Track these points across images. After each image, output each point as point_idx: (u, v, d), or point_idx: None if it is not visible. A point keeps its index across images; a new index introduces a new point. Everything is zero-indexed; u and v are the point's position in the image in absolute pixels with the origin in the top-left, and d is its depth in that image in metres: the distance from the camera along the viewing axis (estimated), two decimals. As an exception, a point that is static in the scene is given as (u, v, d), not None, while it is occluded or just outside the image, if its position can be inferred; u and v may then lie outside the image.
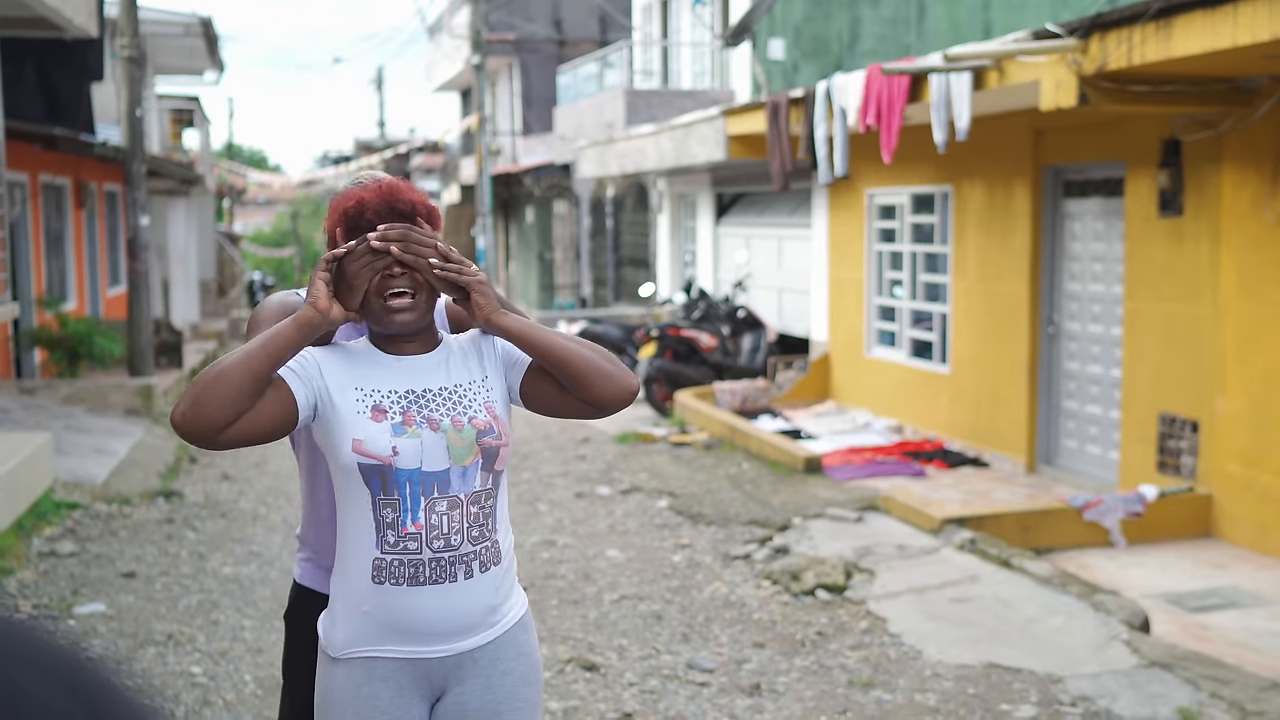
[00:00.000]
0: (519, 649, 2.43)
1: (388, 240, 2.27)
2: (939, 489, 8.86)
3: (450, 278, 2.30)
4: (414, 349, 2.39)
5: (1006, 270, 9.56)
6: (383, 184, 2.38)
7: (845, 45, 15.13)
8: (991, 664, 5.40)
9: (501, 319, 2.32)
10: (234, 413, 2.15)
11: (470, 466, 2.31)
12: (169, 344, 15.10)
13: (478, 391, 2.39)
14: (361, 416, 2.30)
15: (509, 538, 2.44)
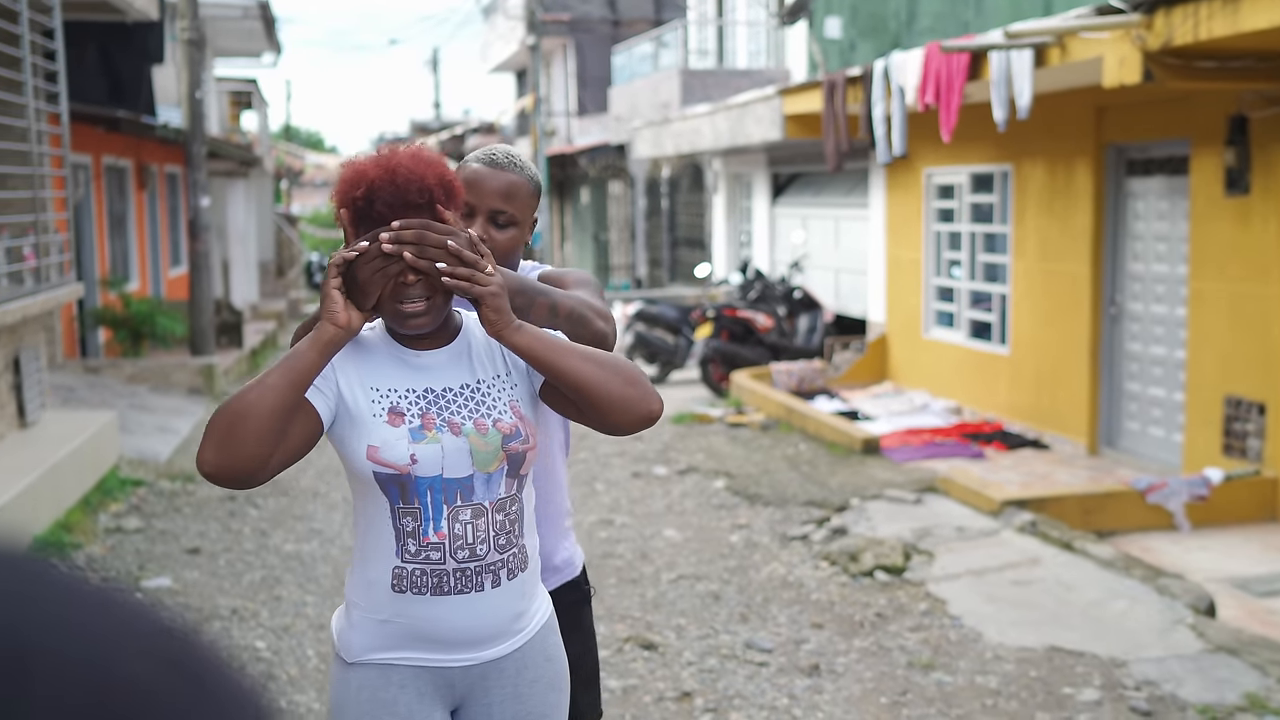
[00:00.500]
0: (546, 654, 2.31)
1: (401, 243, 2.05)
2: (998, 471, 8.79)
3: (460, 287, 2.07)
4: (432, 343, 2.23)
5: (1068, 250, 9.45)
6: (392, 163, 2.10)
7: (903, 23, 14.97)
8: (1053, 647, 5.36)
9: (513, 335, 2.11)
10: (268, 451, 2.01)
11: (495, 473, 2.17)
12: (229, 324, 15.27)
13: (502, 388, 2.23)
14: (378, 420, 2.14)
15: (534, 536, 2.30)
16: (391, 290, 2.09)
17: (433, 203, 2.11)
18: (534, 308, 2.31)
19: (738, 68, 18.82)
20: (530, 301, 2.31)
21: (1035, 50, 7.40)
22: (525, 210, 2.54)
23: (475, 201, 2.49)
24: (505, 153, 2.55)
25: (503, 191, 2.50)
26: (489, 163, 2.52)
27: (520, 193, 2.52)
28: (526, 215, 2.55)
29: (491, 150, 2.56)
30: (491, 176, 2.50)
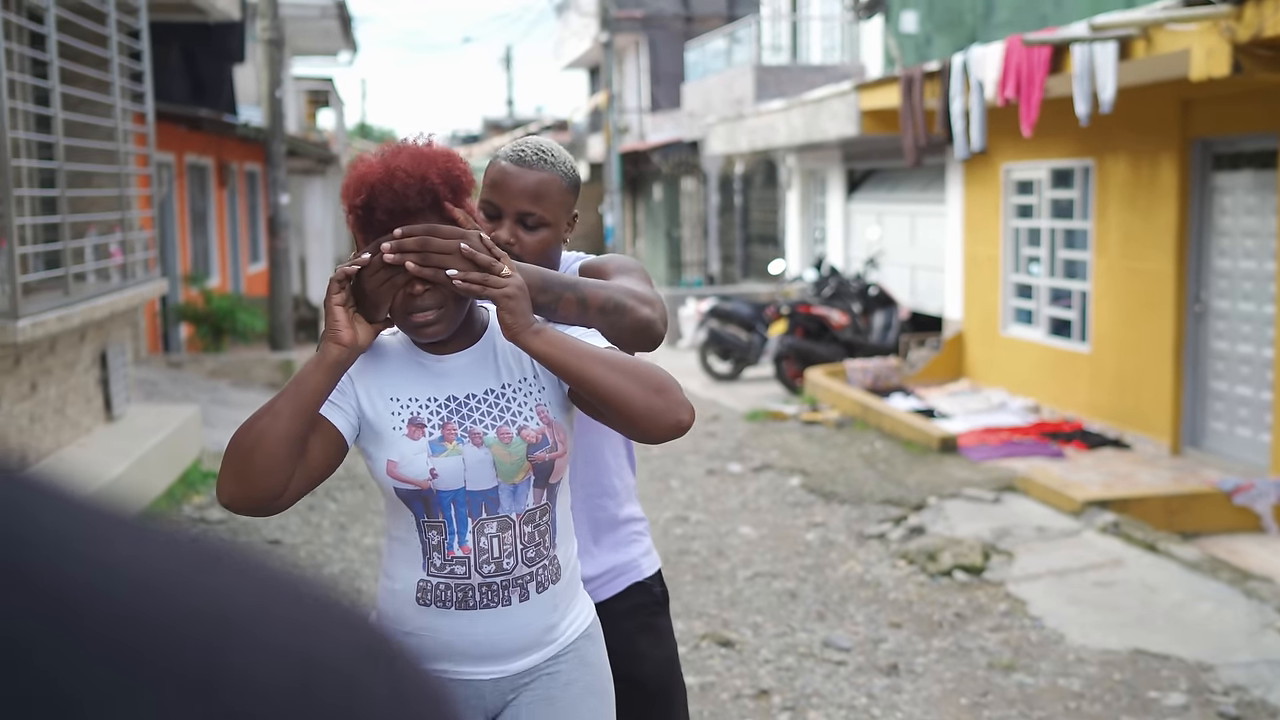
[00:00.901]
0: (583, 660, 2.19)
1: (404, 252, 1.95)
2: (1078, 470, 8.66)
3: (473, 291, 1.97)
4: (455, 345, 2.13)
5: (1151, 246, 9.28)
6: (392, 165, 1.99)
7: (980, 17, 14.80)
8: (1138, 650, 5.27)
9: (530, 340, 1.99)
10: (284, 479, 1.95)
11: (521, 484, 2.07)
12: (307, 319, 15.47)
13: (529, 392, 2.11)
14: (398, 434, 2.06)
15: (570, 545, 2.19)
16: (401, 301, 2.00)
17: (437, 203, 2.00)
18: (561, 304, 2.16)
19: (811, 63, 18.72)
20: (556, 298, 2.15)
21: (1120, 43, 7.27)
22: (558, 209, 2.36)
23: (502, 203, 2.33)
24: (536, 147, 2.36)
25: (531, 191, 2.32)
26: (516, 160, 2.34)
27: (551, 191, 2.34)
28: (560, 214, 2.37)
29: (521, 145, 2.37)
30: (518, 176, 2.33)
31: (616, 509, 2.52)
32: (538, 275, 2.14)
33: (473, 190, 2.07)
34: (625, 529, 2.54)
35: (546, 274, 2.16)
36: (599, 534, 2.49)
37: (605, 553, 2.50)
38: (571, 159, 2.44)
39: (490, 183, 2.35)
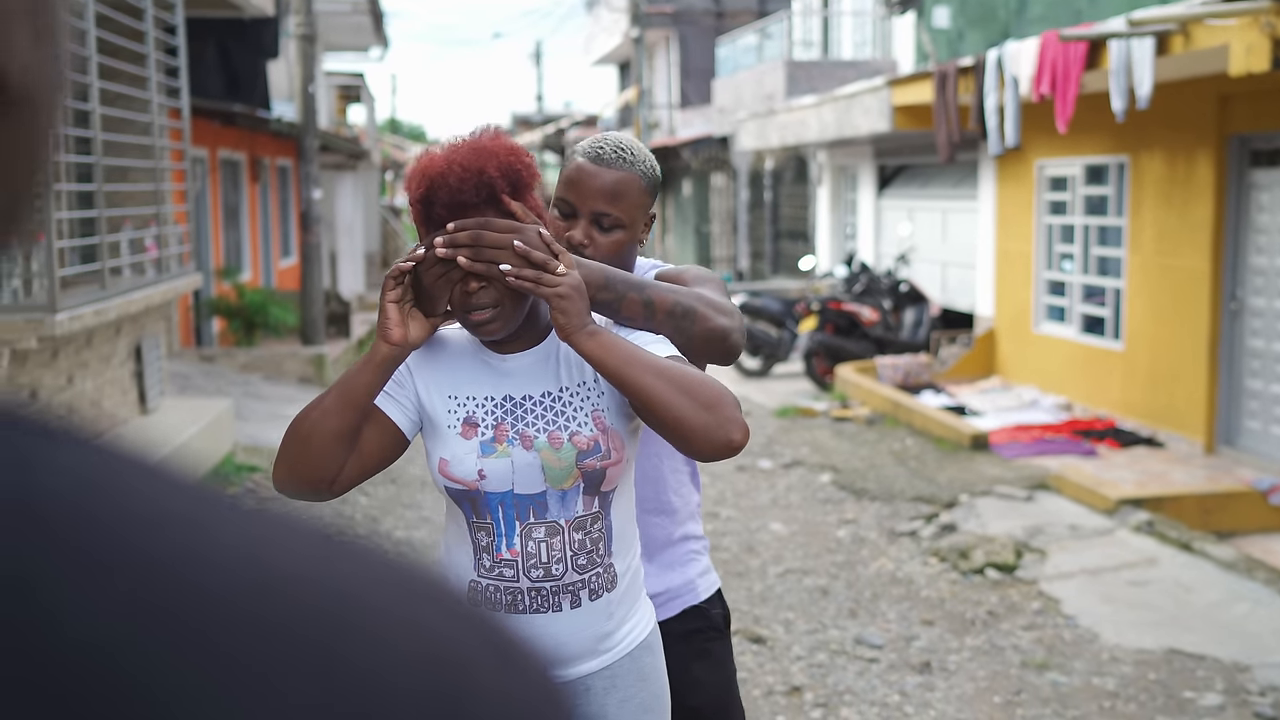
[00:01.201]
0: (640, 673, 2.13)
1: (456, 246, 1.92)
2: (1111, 469, 8.60)
3: (525, 288, 1.93)
4: (519, 345, 2.08)
5: (1186, 243, 9.21)
6: (450, 158, 1.96)
7: (1013, 12, 14.71)
8: (1173, 650, 5.23)
9: (582, 341, 1.93)
10: (334, 470, 1.96)
11: (570, 490, 2.02)
12: (338, 314, 15.53)
13: (586, 397, 2.06)
14: (451, 432, 2.04)
15: (631, 554, 2.13)
16: (457, 297, 1.97)
17: (495, 197, 1.96)
18: (625, 304, 2.07)
19: (843, 59, 18.65)
20: (619, 297, 2.06)
21: (1157, 38, 7.22)
22: (635, 210, 2.26)
23: (577, 201, 2.24)
24: (615, 145, 2.27)
25: (608, 192, 2.23)
26: (594, 158, 2.25)
27: (629, 191, 2.24)
28: (637, 215, 2.27)
29: (599, 142, 2.28)
30: (595, 175, 2.23)
31: (674, 527, 2.42)
32: (600, 273, 2.06)
33: (535, 185, 2.02)
34: (681, 548, 2.43)
35: (611, 272, 2.08)
36: (653, 553, 2.39)
37: (660, 572, 2.39)
38: (652, 157, 2.34)
39: (566, 180, 2.26)
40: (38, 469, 0.34)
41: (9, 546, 0.31)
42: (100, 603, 0.31)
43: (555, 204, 2.27)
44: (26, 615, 0.30)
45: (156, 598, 0.31)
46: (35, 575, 0.31)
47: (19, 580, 0.30)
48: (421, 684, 0.33)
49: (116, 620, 0.30)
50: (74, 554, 0.31)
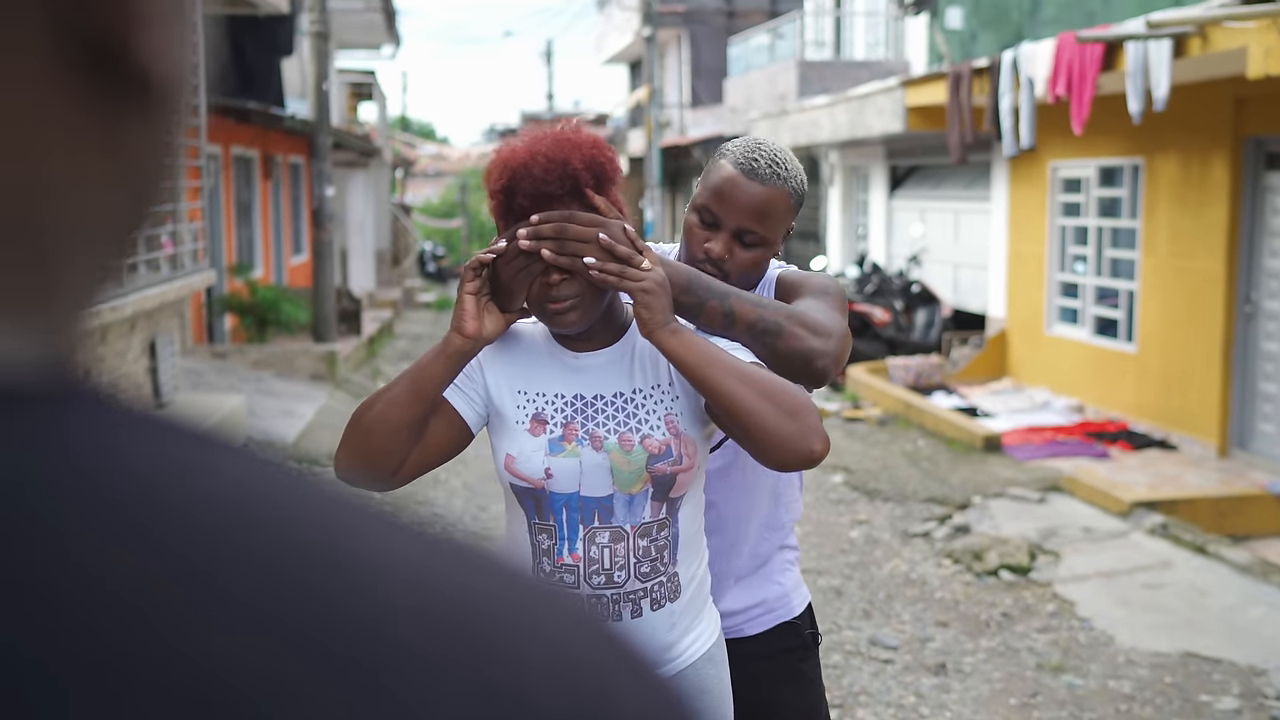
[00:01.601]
0: (702, 685, 2.05)
1: (539, 238, 1.88)
2: (1124, 471, 8.58)
3: (609, 282, 1.89)
4: (594, 343, 2.03)
5: (1200, 246, 9.19)
6: (535, 149, 1.91)
7: (1026, 14, 14.70)
8: (1188, 653, 5.22)
9: (665, 338, 1.88)
10: (398, 460, 1.93)
11: (638, 495, 1.96)
12: (349, 311, 15.55)
13: (659, 400, 2.00)
14: (519, 428, 1.99)
15: (696, 563, 2.06)
16: (537, 290, 1.92)
17: (579, 190, 1.91)
18: (705, 311, 2.00)
19: (855, 59, 18.64)
20: (700, 303, 2.00)
21: (1175, 40, 7.20)
22: (779, 227, 2.18)
23: (722, 214, 2.15)
24: (770, 159, 2.16)
25: (756, 209, 2.14)
26: (747, 170, 2.14)
27: (777, 210, 2.16)
28: (780, 232, 2.19)
29: (754, 154, 2.16)
30: (746, 191, 2.14)
31: (780, 541, 2.35)
32: (684, 275, 2.00)
33: (618, 180, 1.98)
34: (778, 559, 2.35)
35: (695, 275, 2.02)
36: (756, 567, 2.31)
37: (759, 584, 2.31)
38: (801, 170, 2.24)
39: (714, 189, 2.17)
40: (193, 474, 0.33)
41: (167, 566, 0.29)
42: (249, 624, 0.29)
43: (698, 210, 2.19)
44: (168, 630, 0.28)
45: (307, 617, 0.30)
46: (189, 591, 0.29)
47: (172, 597, 0.29)
48: (567, 705, 0.32)
49: (259, 641, 0.29)
50: (235, 569, 0.30)
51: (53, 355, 0.37)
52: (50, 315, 0.36)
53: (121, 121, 0.36)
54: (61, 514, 0.30)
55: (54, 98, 0.34)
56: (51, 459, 0.31)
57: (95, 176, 0.36)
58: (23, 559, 0.28)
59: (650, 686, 0.36)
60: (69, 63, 0.34)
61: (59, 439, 0.32)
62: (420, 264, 33.06)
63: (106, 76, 0.35)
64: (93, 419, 0.34)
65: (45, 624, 0.28)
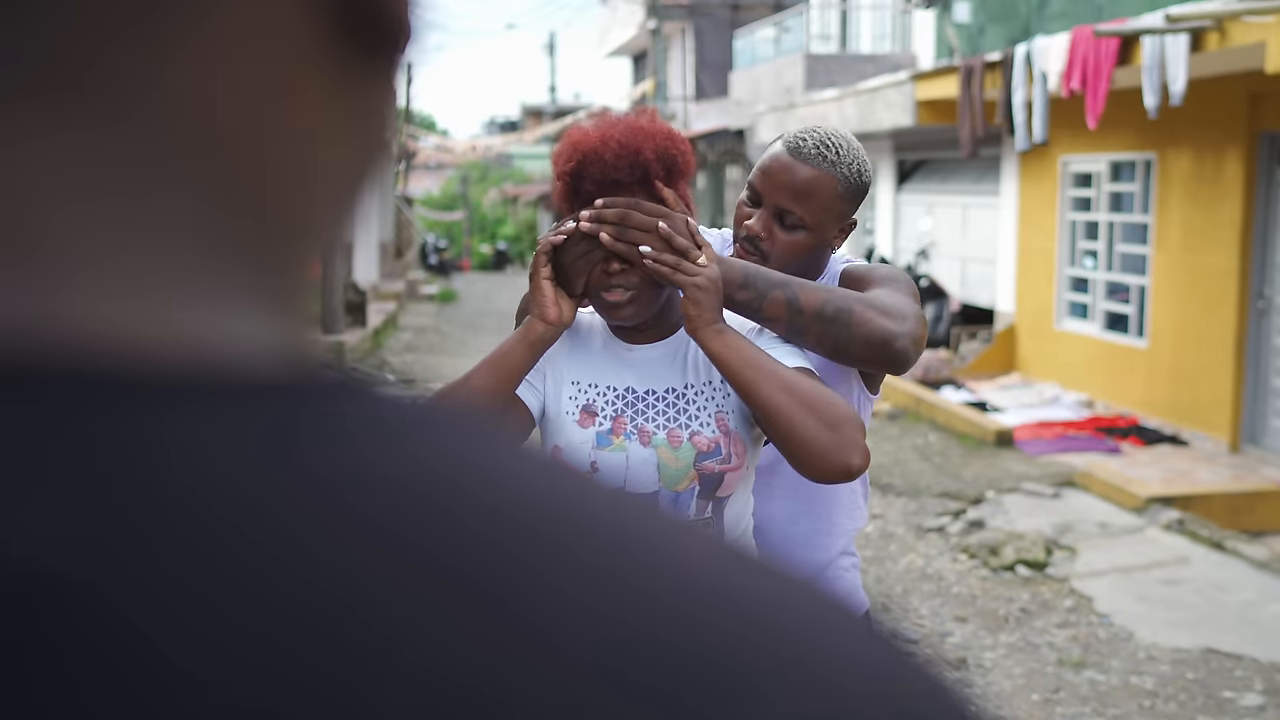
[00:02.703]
0: None
1: (602, 222, 1.86)
2: (1136, 466, 8.57)
3: (661, 273, 1.86)
4: (647, 337, 2.01)
5: (1213, 242, 9.17)
6: (607, 135, 1.89)
7: (1034, 8, 14.66)
8: (1209, 649, 5.21)
9: (708, 338, 1.86)
10: None
11: (684, 493, 1.93)
12: (354, 304, 15.53)
13: (710, 397, 1.97)
14: (569, 418, 1.97)
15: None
16: (597, 277, 1.91)
17: (648, 179, 1.89)
18: (768, 303, 1.94)
19: (862, 52, 18.61)
20: (760, 295, 1.94)
21: (1192, 35, 7.18)
22: (824, 213, 2.11)
23: (763, 191, 2.12)
24: (819, 140, 2.12)
25: (796, 189, 2.09)
26: (793, 150, 2.11)
27: (820, 193, 2.09)
28: (827, 219, 2.12)
29: (803, 134, 2.13)
30: (787, 168, 2.10)
31: (841, 547, 2.27)
32: (740, 270, 1.95)
33: (690, 174, 1.96)
34: (835, 565, 2.26)
35: (751, 270, 1.97)
36: (812, 574, 2.25)
37: None
38: (863, 159, 2.17)
39: (760, 167, 2.15)
40: (451, 476, 0.29)
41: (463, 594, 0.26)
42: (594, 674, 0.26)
43: (748, 188, 2.18)
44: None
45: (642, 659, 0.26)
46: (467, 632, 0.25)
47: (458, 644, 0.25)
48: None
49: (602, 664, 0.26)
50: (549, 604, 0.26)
51: (294, 340, 0.34)
52: (285, 296, 0.34)
53: (365, 83, 0.34)
54: (329, 538, 0.26)
55: (304, 49, 0.32)
56: (297, 461, 0.27)
57: (337, 147, 0.34)
58: (309, 611, 0.25)
59: (958, 710, 0.33)
60: (322, 19, 0.32)
61: (309, 435, 0.28)
62: (423, 256, 33.03)
63: (358, 31, 0.33)
64: (352, 413, 0.30)
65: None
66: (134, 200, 0.29)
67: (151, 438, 0.26)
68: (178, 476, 0.25)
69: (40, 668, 0.23)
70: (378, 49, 0.34)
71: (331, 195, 0.35)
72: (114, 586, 0.24)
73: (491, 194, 47.14)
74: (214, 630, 0.24)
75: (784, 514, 2.20)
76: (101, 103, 0.29)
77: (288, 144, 0.32)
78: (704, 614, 0.28)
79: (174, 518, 0.25)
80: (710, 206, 26.40)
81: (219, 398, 0.27)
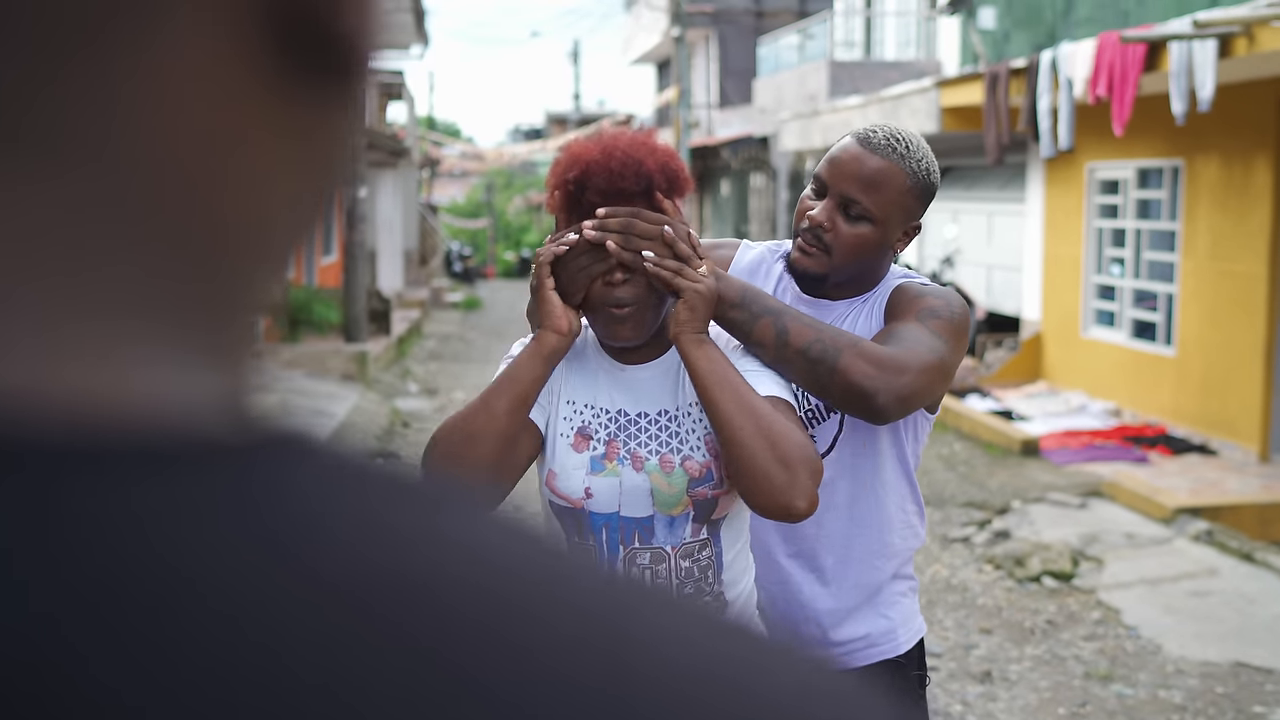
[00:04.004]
0: None
1: (605, 231, 1.84)
2: (1164, 476, 8.48)
3: (662, 276, 1.84)
4: (640, 356, 1.98)
5: (1243, 249, 9.08)
6: (611, 146, 1.88)
7: (1060, 14, 14.58)
8: (1239, 663, 5.14)
9: (688, 344, 1.84)
10: (494, 472, 1.87)
11: (679, 517, 1.91)
12: (379, 312, 15.56)
13: (699, 419, 1.93)
14: (564, 441, 1.95)
15: (743, 582, 1.99)
16: (598, 291, 1.88)
17: (650, 190, 1.89)
18: (757, 327, 1.92)
19: (886, 59, 18.55)
20: (752, 317, 1.92)
21: (1220, 40, 7.11)
22: (890, 207, 2.06)
23: (830, 179, 2.07)
24: (889, 134, 2.08)
25: (864, 178, 2.04)
26: (863, 140, 2.08)
27: (889, 184, 2.05)
28: (894, 214, 2.07)
29: (873, 126, 2.11)
30: (856, 157, 2.06)
31: (894, 569, 2.20)
32: (738, 289, 1.95)
33: (687, 193, 1.96)
34: (889, 590, 2.19)
35: (750, 291, 1.96)
36: (866, 597, 2.16)
37: (864, 617, 2.16)
38: (933, 160, 2.13)
39: (828, 157, 2.11)
40: (417, 542, 0.28)
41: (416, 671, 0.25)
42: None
43: (813, 180, 2.13)
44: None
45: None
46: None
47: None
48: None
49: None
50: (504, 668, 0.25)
51: (237, 398, 0.32)
52: (229, 351, 0.32)
53: (316, 105, 0.32)
54: (286, 615, 0.25)
55: (250, 82, 0.29)
56: (261, 528, 0.26)
57: (286, 171, 0.32)
58: (226, 664, 0.24)
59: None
60: (267, 38, 0.29)
61: (270, 501, 0.27)
62: (447, 264, 33.09)
63: (307, 52, 0.30)
64: (309, 474, 0.29)
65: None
66: (78, 259, 0.27)
67: (107, 510, 0.25)
68: (137, 550, 0.25)
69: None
70: (327, 76, 0.32)
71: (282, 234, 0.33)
72: (86, 666, 0.23)
73: (516, 201, 47.26)
74: (191, 705, 0.23)
75: (837, 535, 2.14)
76: (42, 154, 0.27)
77: (237, 185, 0.30)
78: (676, 685, 0.27)
79: (139, 592, 0.24)
80: (734, 214, 26.39)
81: (170, 465, 0.26)
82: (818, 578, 2.11)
